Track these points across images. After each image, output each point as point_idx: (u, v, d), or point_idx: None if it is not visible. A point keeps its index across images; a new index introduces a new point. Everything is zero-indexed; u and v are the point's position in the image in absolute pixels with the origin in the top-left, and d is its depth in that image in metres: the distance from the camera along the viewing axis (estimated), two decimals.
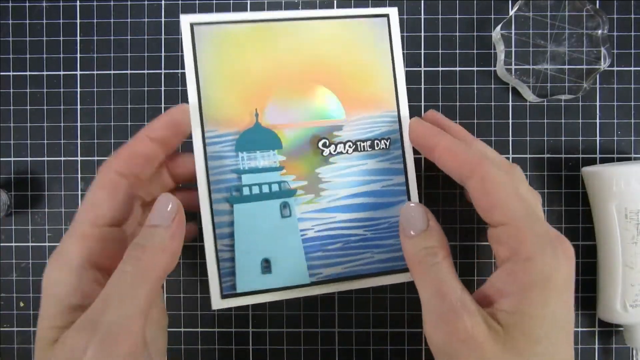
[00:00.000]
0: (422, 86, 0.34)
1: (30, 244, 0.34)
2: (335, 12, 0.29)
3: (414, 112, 0.33)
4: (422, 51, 0.34)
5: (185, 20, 0.27)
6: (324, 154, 0.28)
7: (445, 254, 0.23)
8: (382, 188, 0.29)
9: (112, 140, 0.34)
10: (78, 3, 0.34)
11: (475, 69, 0.34)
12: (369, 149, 0.29)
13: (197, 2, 0.34)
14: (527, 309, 0.20)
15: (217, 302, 0.27)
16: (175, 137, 0.27)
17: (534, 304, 0.20)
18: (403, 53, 0.30)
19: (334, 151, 0.28)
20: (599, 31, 0.33)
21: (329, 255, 0.28)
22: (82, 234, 0.23)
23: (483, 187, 0.23)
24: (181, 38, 0.28)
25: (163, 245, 0.22)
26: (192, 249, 0.34)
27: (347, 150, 0.28)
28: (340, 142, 0.28)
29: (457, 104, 0.34)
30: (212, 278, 0.27)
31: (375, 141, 0.29)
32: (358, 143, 0.29)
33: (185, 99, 0.34)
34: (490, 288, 0.22)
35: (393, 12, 0.29)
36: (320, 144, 0.28)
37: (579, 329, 0.34)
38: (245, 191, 0.27)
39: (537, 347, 0.20)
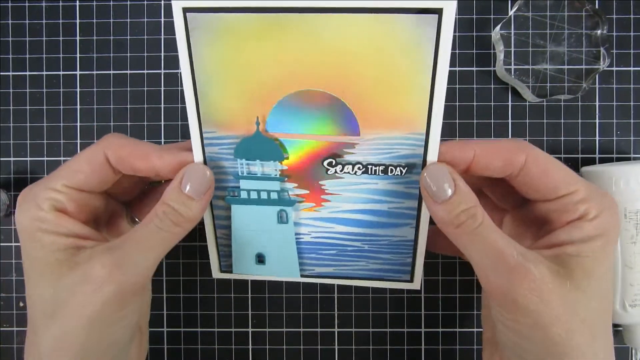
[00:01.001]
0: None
1: None
2: (369, 2, 0.21)
3: None
4: None
5: (178, 5, 0.22)
6: (329, 172, 0.26)
7: (482, 211, 0.23)
8: (389, 209, 0.26)
9: None
10: (78, 3, 0.34)
11: (474, 69, 0.34)
12: (381, 174, 0.25)
13: None
14: (590, 253, 0.22)
15: (217, 274, 0.30)
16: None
17: (596, 250, 0.23)
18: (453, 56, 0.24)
19: (340, 171, 0.25)
20: (598, 31, 0.33)
21: (322, 257, 0.28)
22: (52, 188, 0.24)
23: (539, 167, 0.24)
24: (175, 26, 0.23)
25: (195, 218, 0.24)
26: (191, 248, 0.34)
27: (356, 172, 0.25)
28: (349, 164, 0.25)
29: (457, 104, 0.34)
30: (212, 257, 0.29)
31: (390, 167, 0.25)
32: (369, 167, 0.25)
33: (183, 98, 0.34)
34: (554, 238, 0.24)
35: (449, 6, 0.21)
36: (325, 163, 0.25)
37: None
38: (243, 195, 0.27)
39: (597, 284, 0.23)
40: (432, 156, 0.24)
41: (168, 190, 0.24)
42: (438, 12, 0.21)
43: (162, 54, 0.34)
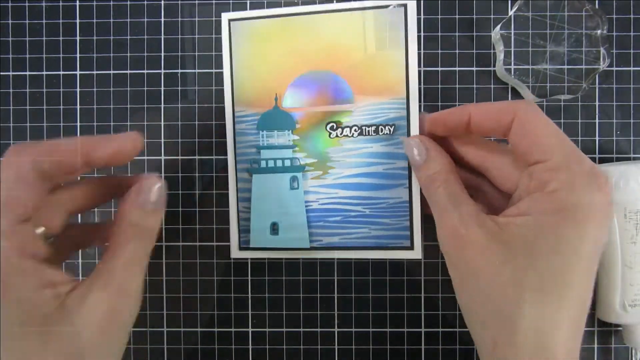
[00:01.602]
0: (422, 86, 0.34)
1: None
2: (351, 4, 0.31)
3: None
4: (422, 51, 0.34)
5: (225, 17, 0.33)
6: (331, 136, 0.32)
7: (444, 177, 0.26)
8: (384, 170, 0.31)
9: None
10: (78, 3, 0.34)
11: (474, 69, 0.34)
12: (373, 134, 0.31)
13: (196, 2, 0.34)
14: (537, 227, 0.22)
15: (236, 253, 0.33)
16: (116, 163, 0.24)
17: (546, 226, 0.22)
18: (419, 37, 0.33)
19: (341, 134, 0.32)
20: (598, 31, 0.33)
21: (328, 225, 0.32)
22: (10, 232, 0.21)
23: (523, 129, 0.24)
24: (218, 36, 0.33)
25: (158, 229, 0.25)
26: (191, 248, 0.34)
27: (353, 134, 0.31)
28: (347, 126, 0.32)
29: (457, 104, 0.34)
30: (233, 233, 0.33)
31: (380, 127, 0.31)
32: (363, 128, 0.31)
33: (184, 98, 0.34)
34: (515, 209, 0.24)
35: (411, 2, 0.31)
36: (328, 127, 0.32)
37: None
38: (263, 164, 0.32)
39: (536, 261, 0.22)
40: (414, 116, 0.31)
41: (131, 211, 0.24)
42: (403, 5, 0.31)
43: (162, 54, 0.34)
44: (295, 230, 0.32)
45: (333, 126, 0.32)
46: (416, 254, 0.32)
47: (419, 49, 0.34)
